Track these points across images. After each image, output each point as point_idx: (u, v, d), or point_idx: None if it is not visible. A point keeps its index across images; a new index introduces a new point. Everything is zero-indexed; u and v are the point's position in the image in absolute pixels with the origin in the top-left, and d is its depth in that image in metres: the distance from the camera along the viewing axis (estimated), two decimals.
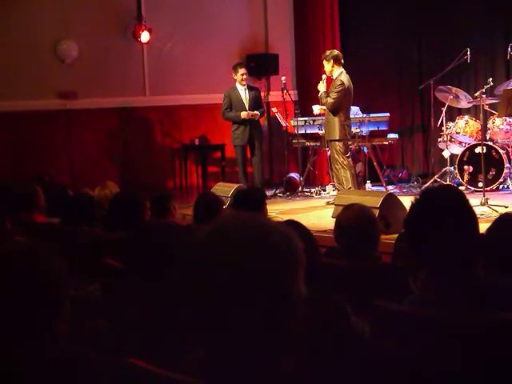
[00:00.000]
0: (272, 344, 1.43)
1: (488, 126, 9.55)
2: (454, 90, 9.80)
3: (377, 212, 6.37)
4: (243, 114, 9.61)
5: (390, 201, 6.93)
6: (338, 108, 8.74)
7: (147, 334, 2.39)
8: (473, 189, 9.26)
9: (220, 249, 1.42)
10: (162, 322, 2.37)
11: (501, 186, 9.50)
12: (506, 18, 10.81)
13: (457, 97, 9.82)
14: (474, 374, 2.09)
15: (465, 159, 9.47)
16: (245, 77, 9.77)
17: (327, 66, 8.80)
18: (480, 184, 8.95)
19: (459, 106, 10.13)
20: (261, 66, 11.54)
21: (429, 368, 2.14)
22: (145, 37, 11.09)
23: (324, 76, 8.95)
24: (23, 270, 1.89)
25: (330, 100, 8.69)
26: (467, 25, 10.93)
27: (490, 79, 9.62)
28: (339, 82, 8.69)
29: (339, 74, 8.76)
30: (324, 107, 9.04)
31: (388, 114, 10.30)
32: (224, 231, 1.45)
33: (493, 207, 7.47)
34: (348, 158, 8.81)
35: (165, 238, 2.69)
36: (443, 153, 9.97)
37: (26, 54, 10.68)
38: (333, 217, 6.98)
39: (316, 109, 9.34)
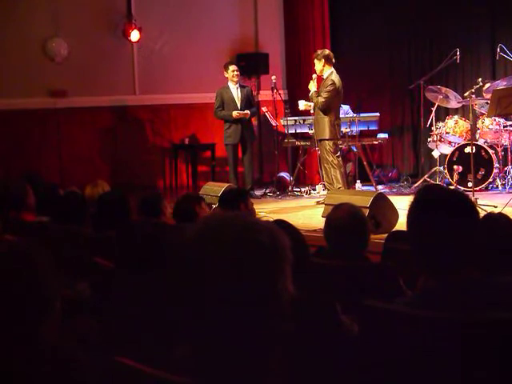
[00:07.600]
0: (260, 342, 1.43)
1: (477, 125, 9.59)
2: (443, 89, 9.83)
3: (367, 211, 6.38)
4: (234, 114, 9.62)
5: (380, 200, 6.96)
6: (329, 107, 8.75)
7: (136, 332, 2.39)
8: (462, 189, 9.26)
9: (208, 247, 1.42)
10: (151, 320, 2.37)
11: (490, 186, 9.54)
12: (493, 18, 10.88)
13: (447, 97, 9.84)
14: (473, 374, 2.08)
15: (454, 159, 9.49)
16: (236, 73, 9.77)
17: (318, 65, 8.81)
18: (469, 184, 8.98)
19: (449, 106, 10.16)
20: (251, 65, 11.52)
21: (421, 368, 2.14)
22: (135, 36, 11.08)
23: (314, 75, 8.96)
24: (11, 270, 1.88)
25: (321, 99, 8.70)
26: (456, 25, 10.99)
27: (480, 79, 9.64)
28: (330, 82, 8.71)
29: (330, 74, 8.77)
30: (310, 103, 9.08)
31: (378, 114, 10.31)
32: (212, 230, 1.46)
33: (482, 207, 7.49)
34: (338, 157, 8.82)
35: (154, 237, 2.69)
36: (433, 153, 9.99)
37: (15, 52, 10.65)
38: (323, 216, 6.99)
39: (301, 104, 9.36)
